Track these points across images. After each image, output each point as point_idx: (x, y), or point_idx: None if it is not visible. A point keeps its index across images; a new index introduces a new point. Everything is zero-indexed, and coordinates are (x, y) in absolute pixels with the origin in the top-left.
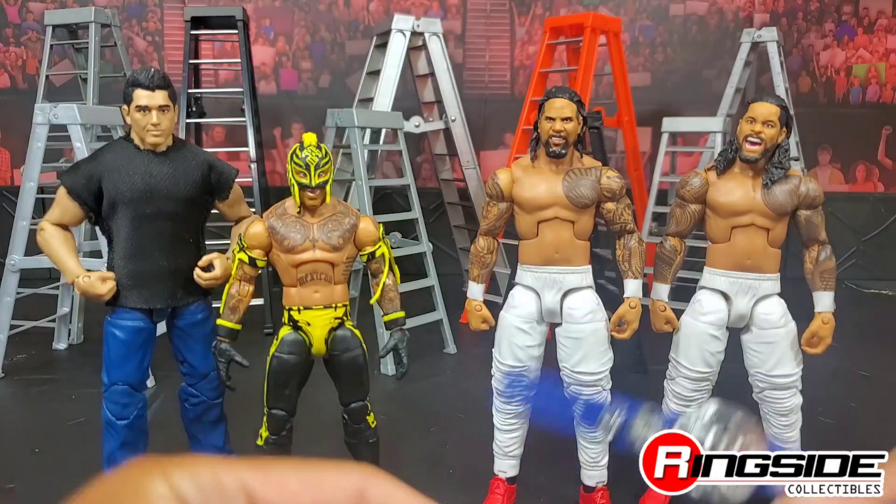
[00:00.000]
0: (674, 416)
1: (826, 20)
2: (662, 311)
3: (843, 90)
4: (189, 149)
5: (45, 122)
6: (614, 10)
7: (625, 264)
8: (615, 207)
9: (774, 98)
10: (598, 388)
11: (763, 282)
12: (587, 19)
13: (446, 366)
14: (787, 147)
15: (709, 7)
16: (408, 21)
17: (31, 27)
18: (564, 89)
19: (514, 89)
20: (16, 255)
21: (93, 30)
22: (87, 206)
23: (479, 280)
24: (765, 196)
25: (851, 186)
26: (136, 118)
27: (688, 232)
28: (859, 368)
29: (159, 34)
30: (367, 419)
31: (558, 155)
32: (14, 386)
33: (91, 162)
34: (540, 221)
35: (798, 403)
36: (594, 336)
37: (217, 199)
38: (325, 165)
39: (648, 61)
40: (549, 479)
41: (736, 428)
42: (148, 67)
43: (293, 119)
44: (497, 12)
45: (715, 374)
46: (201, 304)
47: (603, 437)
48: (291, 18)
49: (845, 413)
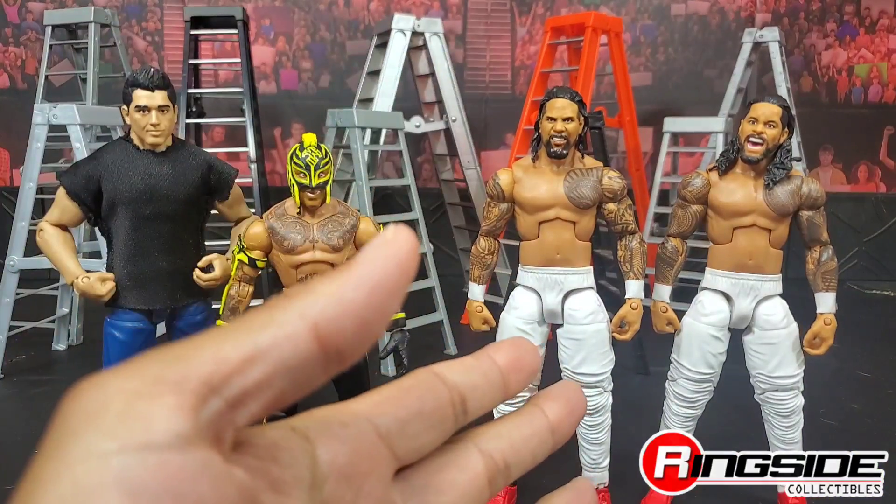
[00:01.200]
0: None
1: (828, 20)
2: (664, 312)
3: (845, 90)
4: (189, 149)
5: (45, 122)
6: (615, 9)
7: (626, 265)
8: (616, 208)
9: (776, 98)
10: (600, 389)
11: (765, 283)
12: (588, 19)
13: None
14: (788, 147)
15: (710, 7)
16: (408, 21)
17: (30, 27)
18: (565, 89)
19: (514, 89)
20: (15, 256)
21: (92, 30)
22: (86, 207)
23: (480, 281)
24: (766, 197)
25: (853, 187)
26: (136, 118)
27: (689, 233)
28: (861, 369)
29: (159, 34)
30: None
31: (559, 155)
32: (14, 387)
33: (90, 162)
34: (541, 222)
35: (800, 405)
36: (595, 337)
37: (217, 199)
38: (325, 166)
39: (650, 61)
40: (549, 481)
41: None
42: (147, 67)
43: (293, 119)
44: (498, 12)
45: (716, 376)
46: (201, 305)
47: (604, 439)
48: (291, 18)
49: (847, 414)
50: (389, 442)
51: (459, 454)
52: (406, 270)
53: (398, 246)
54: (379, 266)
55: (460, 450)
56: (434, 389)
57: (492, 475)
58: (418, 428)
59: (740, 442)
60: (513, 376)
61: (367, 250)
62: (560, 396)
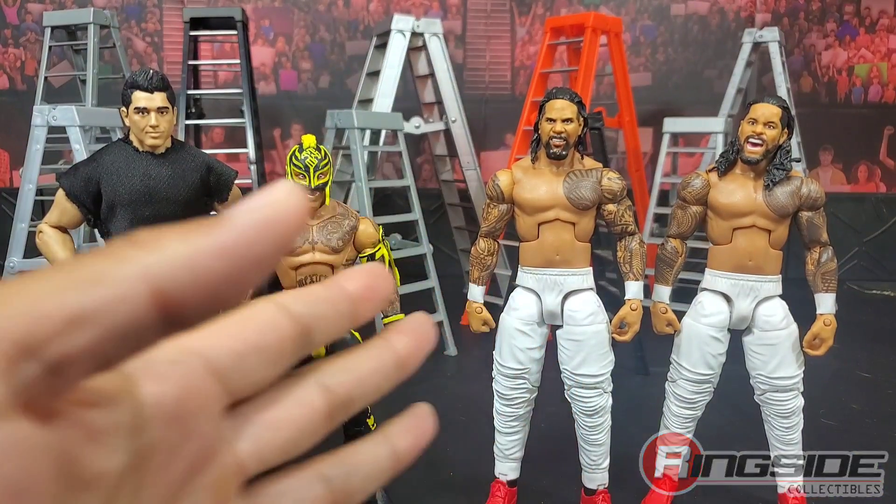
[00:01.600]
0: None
1: (828, 20)
2: (664, 313)
3: (845, 90)
4: (188, 150)
5: (44, 123)
6: (615, 9)
7: (626, 266)
8: (616, 209)
9: (776, 99)
10: (600, 390)
11: (764, 283)
12: (588, 19)
13: (447, 368)
14: (788, 148)
15: (710, 7)
16: (408, 21)
17: (29, 28)
18: (565, 90)
19: (514, 90)
20: (15, 258)
21: (91, 31)
22: (85, 209)
23: (480, 282)
24: (766, 197)
25: (853, 187)
26: (135, 120)
27: (689, 233)
28: (861, 369)
29: (158, 35)
30: (367, 422)
31: (559, 156)
32: None
33: (90, 164)
34: (541, 223)
35: (800, 405)
36: (595, 338)
37: (216, 200)
38: (324, 167)
39: (649, 61)
40: (549, 482)
41: None
42: (147, 69)
43: (293, 120)
44: (497, 12)
45: (716, 377)
46: None
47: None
48: (291, 19)
49: (847, 414)
50: (222, 377)
51: (299, 388)
52: (280, 240)
53: (275, 209)
54: (248, 232)
55: (300, 384)
56: (276, 322)
57: (332, 409)
58: (256, 362)
59: (740, 442)
60: (363, 305)
61: (241, 210)
62: (409, 330)
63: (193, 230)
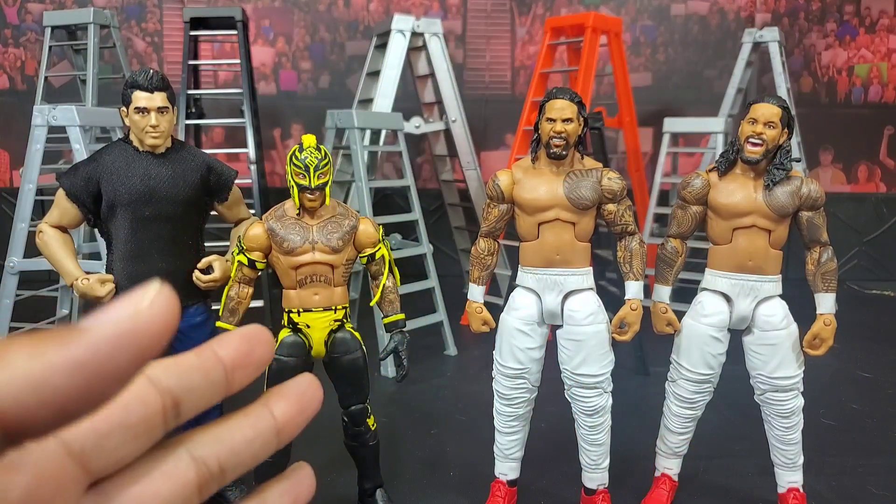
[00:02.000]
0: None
1: (828, 20)
2: (664, 313)
3: (845, 90)
4: (188, 150)
5: (44, 123)
6: (615, 9)
7: (626, 266)
8: (616, 209)
9: (776, 99)
10: (600, 390)
11: (765, 283)
12: (588, 19)
13: (447, 368)
14: (788, 148)
15: (710, 7)
16: (408, 21)
17: (29, 28)
18: (565, 90)
19: (514, 90)
20: (15, 257)
21: (91, 31)
22: (85, 209)
23: (480, 282)
24: (766, 197)
25: (853, 187)
26: (135, 120)
27: (689, 233)
28: (861, 369)
29: (158, 35)
30: (367, 422)
31: (559, 156)
32: None
33: (90, 164)
34: (541, 223)
35: (800, 405)
36: (595, 338)
37: (216, 200)
38: (324, 167)
39: (649, 61)
40: (550, 482)
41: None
42: (147, 69)
43: (293, 120)
44: (498, 12)
45: (716, 377)
46: (200, 307)
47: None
48: (291, 19)
49: (847, 414)
50: (83, 458)
51: (168, 461)
52: (141, 355)
53: (136, 321)
54: (105, 346)
55: (169, 456)
56: (142, 397)
57: (203, 481)
58: (120, 440)
59: (740, 442)
60: (238, 372)
61: (100, 321)
62: (292, 394)
63: (46, 342)
